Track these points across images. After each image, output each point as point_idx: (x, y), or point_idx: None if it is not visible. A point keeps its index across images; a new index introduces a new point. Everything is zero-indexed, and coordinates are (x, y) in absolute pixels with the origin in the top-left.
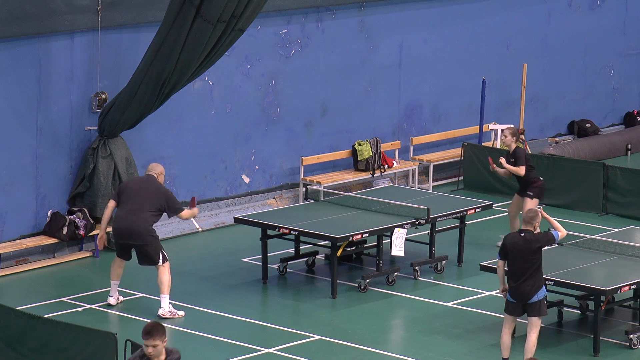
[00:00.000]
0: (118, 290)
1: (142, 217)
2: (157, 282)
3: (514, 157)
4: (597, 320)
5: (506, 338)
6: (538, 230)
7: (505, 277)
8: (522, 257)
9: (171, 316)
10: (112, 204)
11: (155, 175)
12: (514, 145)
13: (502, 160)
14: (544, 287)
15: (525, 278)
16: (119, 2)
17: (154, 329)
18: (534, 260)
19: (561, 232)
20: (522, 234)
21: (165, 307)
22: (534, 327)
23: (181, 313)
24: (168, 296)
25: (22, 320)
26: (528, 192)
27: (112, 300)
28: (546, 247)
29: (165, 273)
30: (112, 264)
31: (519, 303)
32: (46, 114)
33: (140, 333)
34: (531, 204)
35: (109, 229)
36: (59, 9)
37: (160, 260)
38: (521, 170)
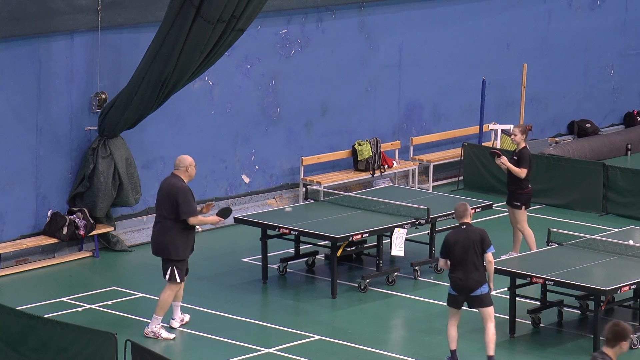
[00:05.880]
0: (180, 310)
1: (162, 228)
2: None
3: (518, 156)
4: (597, 320)
5: (452, 330)
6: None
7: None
8: (464, 248)
9: (153, 336)
10: None
11: (179, 172)
12: (523, 144)
13: (504, 159)
14: (486, 284)
15: (467, 271)
16: (119, 2)
17: None
18: (475, 250)
19: (491, 278)
20: (464, 227)
21: (152, 326)
22: (488, 318)
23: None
24: (158, 318)
25: (22, 320)
26: (515, 203)
27: (174, 323)
28: (489, 256)
29: (164, 292)
30: None
31: (461, 295)
32: (46, 114)
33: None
34: (521, 214)
35: None
36: (59, 9)
37: (167, 277)
38: (522, 172)
